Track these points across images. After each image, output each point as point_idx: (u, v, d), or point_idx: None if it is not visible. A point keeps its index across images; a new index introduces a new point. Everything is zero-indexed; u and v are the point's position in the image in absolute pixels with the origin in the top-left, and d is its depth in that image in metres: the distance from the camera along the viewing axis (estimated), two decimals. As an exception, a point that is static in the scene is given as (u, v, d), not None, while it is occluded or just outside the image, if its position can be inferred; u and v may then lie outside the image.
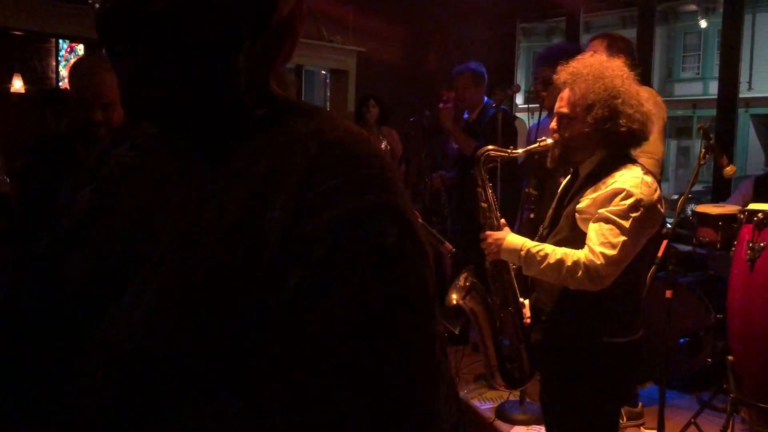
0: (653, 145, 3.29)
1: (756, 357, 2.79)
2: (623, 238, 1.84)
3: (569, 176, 2.17)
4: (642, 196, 1.87)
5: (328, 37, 6.00)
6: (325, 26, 5.97)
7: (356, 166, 0.64)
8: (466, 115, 4.67)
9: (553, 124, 2.07)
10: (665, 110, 3.39)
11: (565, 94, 2.02)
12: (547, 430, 2.21)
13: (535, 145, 2.14)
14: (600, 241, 1.86)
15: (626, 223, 1.85)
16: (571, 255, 1.90)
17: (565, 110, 2.02)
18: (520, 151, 2.22)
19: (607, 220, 1.87)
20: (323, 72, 7.87)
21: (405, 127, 5.25)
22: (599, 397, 2.00)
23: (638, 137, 1.98)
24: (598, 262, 1.85)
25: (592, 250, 1.87)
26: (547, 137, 2.10)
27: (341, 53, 6.13)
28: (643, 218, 1.87)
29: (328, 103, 7.21)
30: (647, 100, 2.01)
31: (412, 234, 0.64)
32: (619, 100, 1.92)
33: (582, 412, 2.02)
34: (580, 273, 1.87)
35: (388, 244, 0.61)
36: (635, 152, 3.28)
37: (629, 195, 1.86)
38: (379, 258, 0.61)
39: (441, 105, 4.72)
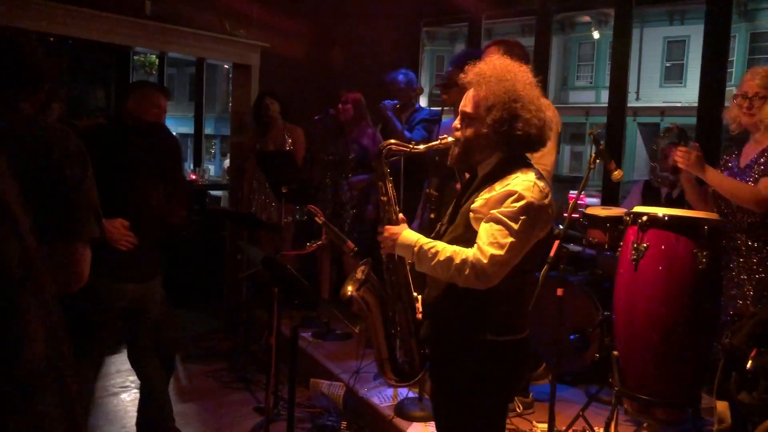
0: (546, 157, 3.42)
1: (638, 352, 2.94)
2: (511, 239, 1.88)
3: (469, 176, 2.20)
4: (533, 200, 1.90)
5: (231, 31, 5.87)
6: (228, 19, 5.83)
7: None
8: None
9: (456, 122, 2.09)
10: (560, 123, 3.52)
11: (470, 93, 2.04)
12: (436, 425, 2.24)
13: (437, 142, 2.15)
14: (489, 241, 1.89)
15: (515, 225, 1.88)
16: (460, 253, 1.93)
17: (467, 109, 2.04)
18: (421, 147, 2.22)
19: (497, 221, 1.90)
20: (226, 66, 7.66)
21: (309, 125, 5.22)
22: (485, 394, 2.04)
23: (535, 142, 2.01)
24: (485, 262, 1.88)
25: (480, 250, 1.90)
26: (449, 135, 2.13)
27: (245, 48, 6.00)
28: (533, 221, 1.91)
29: (230, 98, 7.05)
30: (547, 107, 2.06)
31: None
32: (519, 104, 1.95)
33: (468, 409, 2.05)
34: (467, 271, 1.90)
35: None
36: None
37: (521, 198, 1.90)
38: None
39: (340, 106, 4.77)
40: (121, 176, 3.03)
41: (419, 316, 2.17)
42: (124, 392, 4.19)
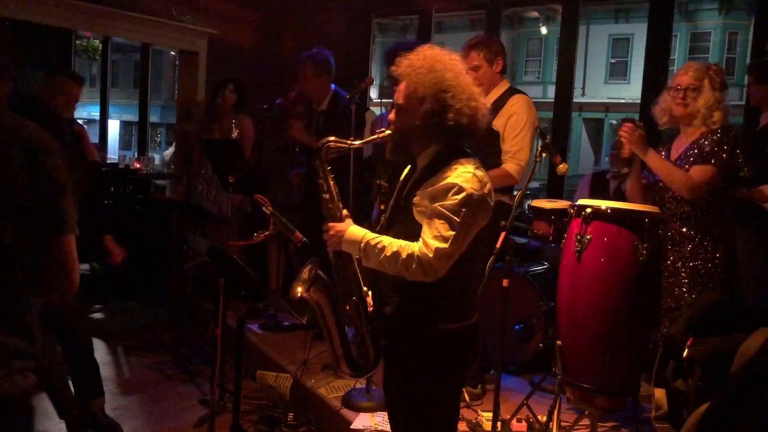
0: (522, 152, 3.46)
1: (580, 342, 3.00)
2: (454, 232, 1.91)
3: (408, 168, 2.19)
4: (473, 191, 1.93)
5: (178, 17, 5.74)
6: (174, 5, 5.70)
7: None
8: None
9: (392, 115, 2.09)
10: (536, 116, 3.55)
11: (402, 86, 2.04)
12: (389, 415, 2.26)
13: (374, 136, 2.14)
14: (433, 235, 1.92)
15: (457, 218, 1.91)
16: (406, 248, 1.95)
17: (400, 102, 2.04)
18: (360, 142, 2.22)
19: (440, 215, 1.92)
20: (172, 53, 7.50)
21: (257, 114, 5.15)
22: (437, 382, 2.07)
23: (467, 132, 2.01)
24: (431, 255, 1.91)
25: (426, 244, 1.92)
26: (387, 128, 2.12)
27: (191, 34, 5.89)
28: (474, 212, 1.94)
29: (176, 85, 6.90)
30: (480, 94, 2.05)
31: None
32: (449, 94, 1.95)
33: (421, 397, 2.07)
34: (414, 265, 1.92)
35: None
36: (504, 156, 3.44)
37: (461, 190, 1.92)
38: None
39: (290, 93, 4.72)
40: None
41: (370, 309, 2.17)
42: (63, 386, 4.07)
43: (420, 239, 1.94)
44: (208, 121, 5.29)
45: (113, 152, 14.37)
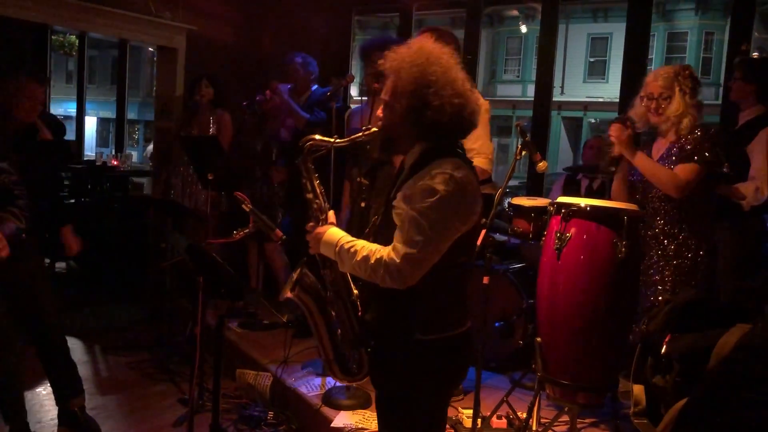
0: (486, 146, 3.48)
1: (559, 338, 3.02)
2: (425, 236, 1.80)
3: (399, 167, 2.15)
4: (447, 194, 1.81)
5: (156, 12, 5.68)
6: (152, 0, 5.64)
7: None
8: None
9: (379, 111, 2.02)
10: (488, 111, 3.59)
11: (389, 81, 1.95)
12: (378, 419, 2.20)
13: (359, 134, 2.07)
14: (403, 240, 1.82)
15: (429, 222, 1.80)
16: (375, 252, 1.86)
17: (385, 98, 1.96)
18: (343, 140, 2.13)
19: (411, 218, 1.82)
20: (151, 49, 7.43)
21: (237, 110, 5.13)
22: (420, 392, 1.97)
23: (451, 130, 1.92)
24: (398, 261, 1.80)
25: (395, 249, 1.83)
26: (374, 126, 2.06)
27: (170, 30, 5.82)
28: (448, 216, 1.83)
29: (155, 81, 6.84)
30: (471, 91, 1.95)
31: None
32: (431, 90, 1.85)
33: (405, 408, 2.00)
34: (381, 271, 1.83)
35: None
36: (470, 154, 3.45)
37: (434, 193, 1.81)
38: None
39: (267, 92, 4.74)
40: None
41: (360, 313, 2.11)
42: (39, 386, 4.01)
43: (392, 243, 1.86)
44: (186, 117, 5.25)
45: (90, 149, 14.22)
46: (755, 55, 4.29)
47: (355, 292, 2.11)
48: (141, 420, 3.78)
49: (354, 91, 8.78)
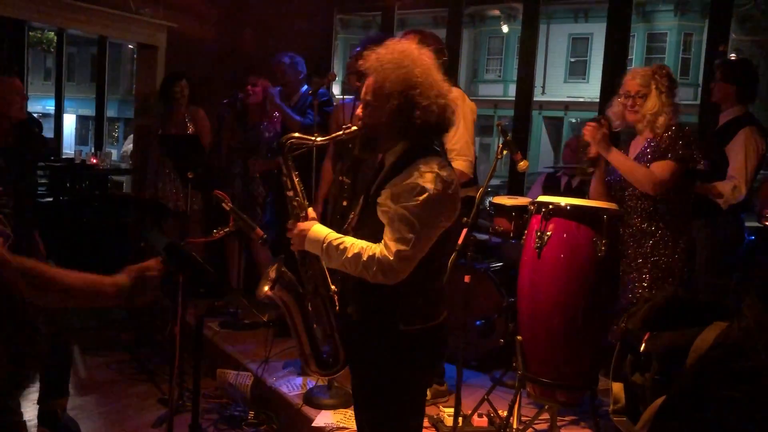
0: (467, 148, 3.48)
1: (540, 337, 3.03)
2: (416, 234, 1.86)
3: (378, 165, 2.17)
4: (435, 192, 1.87)
5: (137, 10, 5.63)
6: (133, -3, 5.60)
7: None
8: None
9: (359, 110, 2.04)
10: (475, 111, 3.59)
11: (370, 81, 1.98)
12: (355, 414, 2.23)
13: (340, 132, 2.09)
14: (394, 237, 1.87)
15: (419, 220, 1.86)
16: (367, 249, 1.90)
17: (368, 98, 1.99)
18: (324, 138, 2.15)
19: (402, 216, 1.87)
20: (130, 46, 7.36)
21: (217, 108, 5.09)
22: (400, 382, 2.04)
23: (435, 129, 1.97)
24: (391, 258, 1.86)
25: (386, 246, 1.88)
26: (354, 124, 2.08)
27: (150, 27, 5.77)
28: (436, 213, 1.90)
29: (134, 79, 6.78)
30: (449, 91, 2.00)
31: None
32: (417, 91, 1.89)
33: (385, 398, 2.05)
34: (375, 268, 1.88)
35: None
36: (450, 155, 3.46)
37: (423, 191, 1.86)
38: None
39: (249, 87, 4.73)
40: None
41: (338, 308, 2.14)
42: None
43: (382, 241, 1.90)
44: (166, 115, 5.21)
45: (69, 147, 14.04)
46: (733, 56, 4.35)
47: (333, 287, 2.14)
48: (120, 420, 3.74)
49: (336, 89, 8.76)
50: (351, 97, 4.00)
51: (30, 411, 3.52)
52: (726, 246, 3.72)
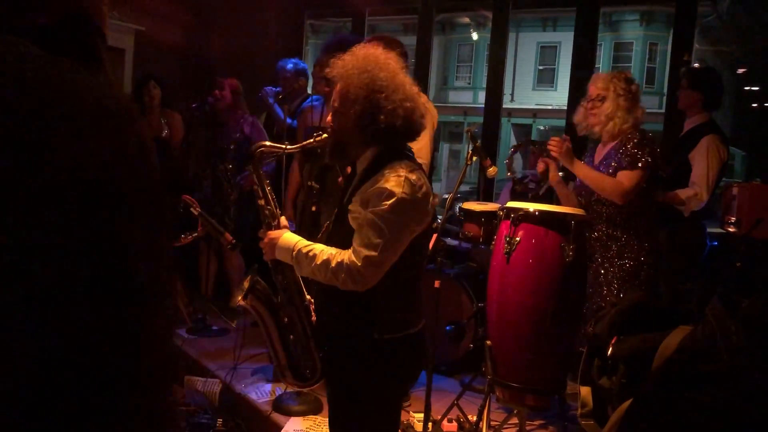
0: (423, 150, 3.49)
1: (509, 341, 3.05)
2: (384, 239, 1.84)
3: (350, 171, 2.17)
4: (404, 196, 1.85)
5: (104, 12, 5.55)
6: (100, -1, 5.51)
7: None
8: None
9: (329, 117, 2.04)
10: (436, 117, 3.61)
11: (337, 88, 1.98)
12: (330, 423, 2.20)
13: (311, 140, 2.09)
14: (363, 243, 1.85)
15: (387, 225, 1.84)
16: (336, 256, 1.89)
17: (335, 104, 1.99)
18: (294, 146, 2.15)
19: (370, 222, 1.86)
20: (97, 49, 7.22)
21: (186, 112, 5.04)
22: (376, 392, 2.01)
23: (403, 133, 1.96)
24: (359, 264, 1.84)
25: (355, 252, 1.86)
26: (325, 131, 2.08)
27: (118, 30, 5.69)
28: (406, 218, 1.88)
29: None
30: (418, 94, 2.01)
31: None
32: (382, 95, 1.89)
33: (361, 407, 2.02)
34: (343, 274, 1.86)
35: None
36: None
37: (391, 195, 1.85)
38: None
39: (216, 92, 4.69)
40: None
41: (314, 318, 2.12)
42: None
43: (351, 247, 1.89)
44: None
45: (33, 151, 13.78)
46: (696, 65, 4.44)
47: (308, 297, 2.11)
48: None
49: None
50: (318, 96, 3.99)
51: None
52: (688, 252, 3.79)
